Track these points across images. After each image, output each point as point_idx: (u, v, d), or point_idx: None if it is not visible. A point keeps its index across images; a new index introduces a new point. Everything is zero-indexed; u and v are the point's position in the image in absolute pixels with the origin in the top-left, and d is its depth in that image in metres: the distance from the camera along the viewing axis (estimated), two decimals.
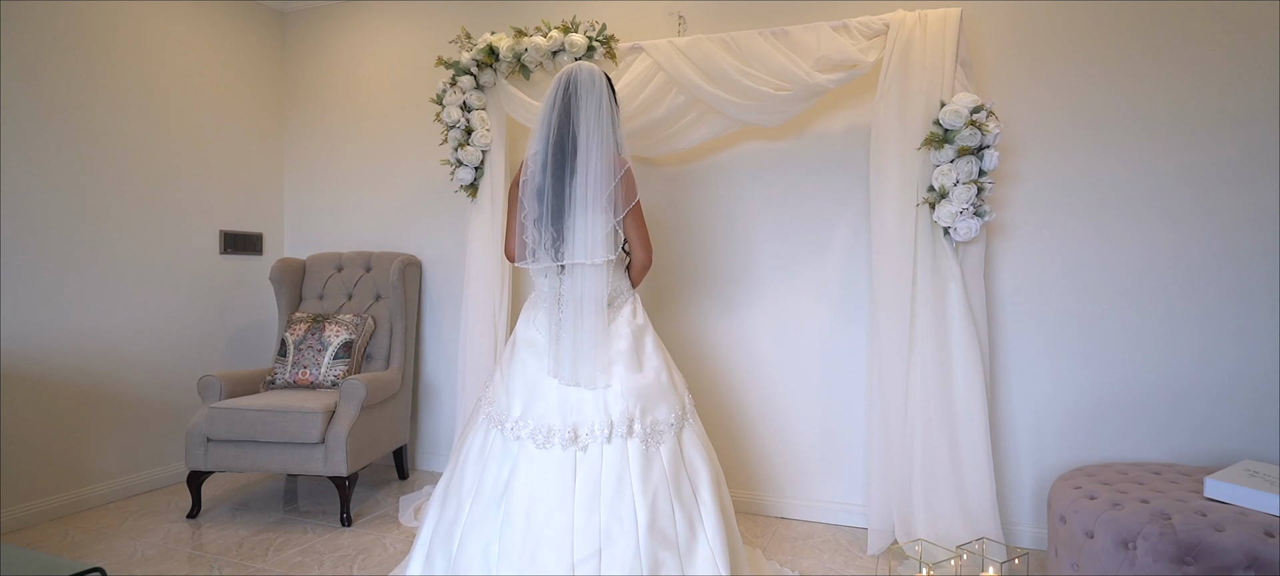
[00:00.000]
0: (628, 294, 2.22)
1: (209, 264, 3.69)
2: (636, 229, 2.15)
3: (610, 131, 2.08)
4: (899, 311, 2.59)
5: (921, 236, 2.56)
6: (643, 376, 2.09)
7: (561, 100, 2.09)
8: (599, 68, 2.17)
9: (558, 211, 2.06)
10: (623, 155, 2.11)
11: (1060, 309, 2.67)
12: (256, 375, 3.38)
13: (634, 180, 2.12)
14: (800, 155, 3.03)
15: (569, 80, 2.11)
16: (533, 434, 2.03)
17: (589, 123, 2.05)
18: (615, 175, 2.05)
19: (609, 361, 2.07)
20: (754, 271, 3.11)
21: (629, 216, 2.12)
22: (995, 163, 2.44)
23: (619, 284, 2.20)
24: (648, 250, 2.19)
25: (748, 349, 3.12)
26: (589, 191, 2.02)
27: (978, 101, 2.44)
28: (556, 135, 2.07)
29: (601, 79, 2.12)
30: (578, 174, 2.03)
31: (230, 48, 3.80)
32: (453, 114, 3.11)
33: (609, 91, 2.13)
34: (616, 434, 2.00)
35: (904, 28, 2.60)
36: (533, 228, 2.11)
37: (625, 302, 2.20)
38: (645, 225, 2.17)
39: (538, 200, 2.09)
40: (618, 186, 2.06)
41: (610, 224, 2.05)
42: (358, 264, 3.71)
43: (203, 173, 3.66)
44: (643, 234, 2.17)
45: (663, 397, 2.09)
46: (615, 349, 2.10)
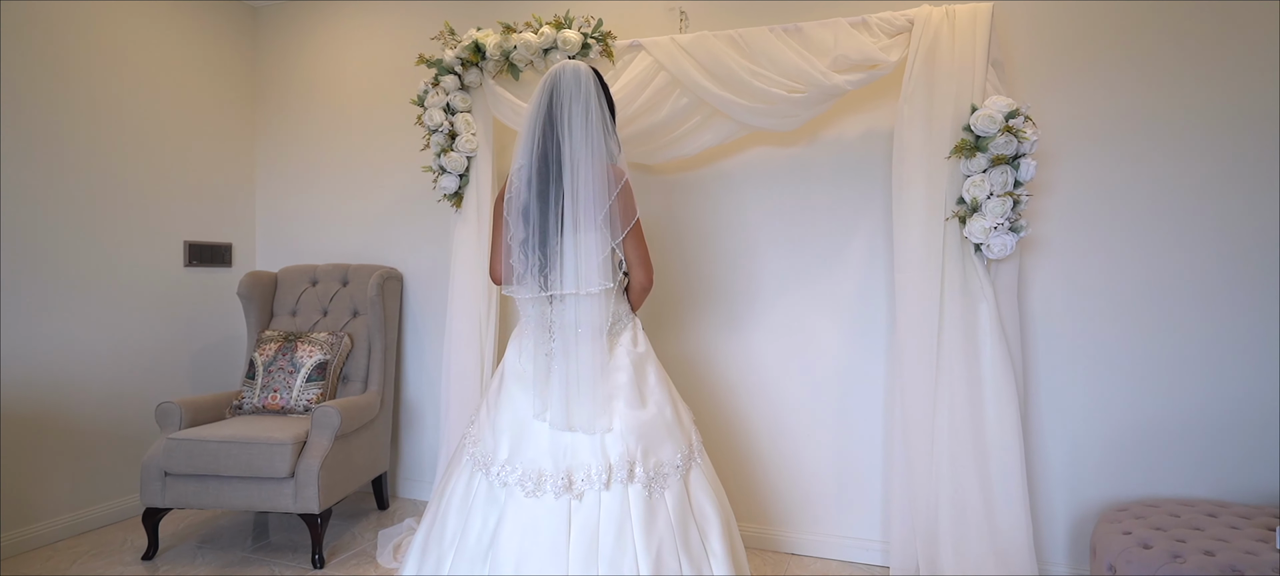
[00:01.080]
0: (627, 319, 2.00)
1: (172, 277, 3.41)
2: (636, 248, 1.93)
3: (602, 138, 1.84)
4: (924, 334, 2.37)
5: (950, 253, 2.33)
6: (645, 413, 1.86)
7: (546, 106, 1.87)
8: (586, 65, 1.94)
9: (545, 233, 1.83)
10: (618, 165, 1.88)
11: (1096, 329, 2.46)
12: (222, 399, 3.11)
13: (632, 193, 1.90)
14: (813, 162, 2.80)
15: (553, 83, 1.89)
16: (522, 480, 1.80)
17: (576, 130, 1.82)
18: (612, 190, 1.82)
19: (608, 399, 1.84)
20: (762, 287, 2.88)
21: (630, 234, 1.89)
22: (1032, 173, 2.23)
23: (619, 309, 1.98)
24: (648, 270, 1.96)
25: (755, 371, 2.89)
26: (580, 210, 1.79)
27: (1013, 105, 2.22)
28: (541, 146, 1.85)
29: (588, 78, 1.89)
30: (566, 190, 1.80)
31: (196, 45, 3.53)
32: (435, 117, 2.86)
33: (599, 91, 1.90)
34: (616, 479, 1.77)
35: (930, 24, 2.37)
36: (519, 251, 1.87)
37: (625, 329, 1.98)
38: (645, 243, 1.95)
39: (523, 221, 1.86)
40: (615, 202, 1.83)
41: (607, 246, 1.82)
42: (334, 277, 3.45)
43: (165, 179, 3.39)
44: (643, 253, 1.94)
45: (667, 436, 1.86)
46: (614, 383, 1.87)
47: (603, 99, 1.91)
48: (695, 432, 1.97)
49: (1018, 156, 2.23)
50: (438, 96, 2.87)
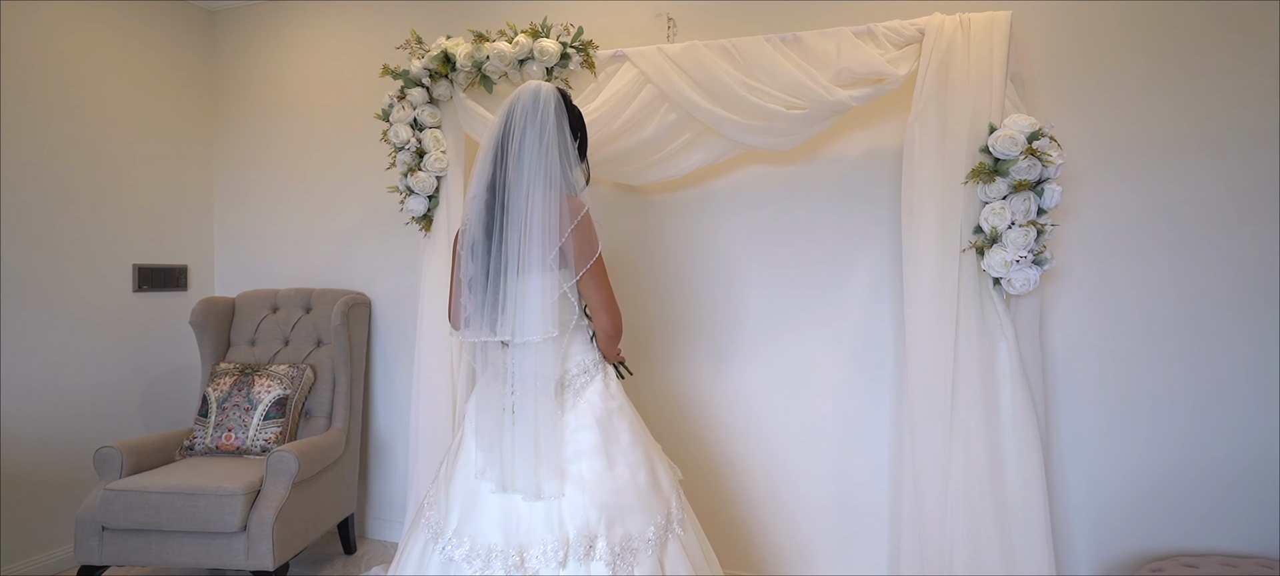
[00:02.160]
0: (596, 369, 1.78)
1: (120, 303, 3.15)
2: (597, 290, 1.71)
3: (559, 166, 1.65)
4: (937, 375, 2.15)
5: (966, 287, 2.12)
6: (613, 478, 1.65)
7: (500, 129, 1.69)
8: (551, 85, 1.74)
9: (496, 272, 1.64)
10: (578, 196, 1.68)
11: (1123, 368, 2.25)
12: (172, 439, 2.86)
13: (593, 228, 1.67)
14: (811, 182, 2.58)
15: (510, 104, 1.71)
16: (469, 556, 1.61)
17: (526, 157, 1.63)
18: (565, 225, 1.62)
19: (560, 459, 1.64)
20: (754, 318, 2.65)
21: (588, 275, 1.68)
22: (1057, 200, 2.01)
23: (584, 357, 1.76)
24: (613, 315, 1.74)
25: (747, 409, 2.66)
26: (530, 247, 1.60)
27: (1036, 125, 2.00)
28: (491, 175, 1.68)
29: (549, 100, 1.69)
30: (511, 224, 1.61)
31: (147, 50, 3.27)
32: (401, 133, 2.62)
33: (560, 114, 1.70)
34: (573, 556, 1.57)
35: (943, 35, 2.16)
36: (468, 291, 1.69)
37: (593, 380, 1.75)
38: (608, 283, 1.73)
39: (472, 257, 1.68)
40: (570, 238, 1.63)
41: (555, 289, 1.63)
42: (296, 303, 3.20)
43: (112, 196, 3.12)
44: (605, 295, 1.72)
45: (639, 504, 1.64)
46: (577, 443, 1.67)
47: (563, 123, 1.70)
48: (677, 498, 1.75)
49: (1041, 182, 2.02)
50: (404, 111, 2.63)
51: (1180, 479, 2.20)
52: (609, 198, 2.81)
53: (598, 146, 2.46)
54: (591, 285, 1.69)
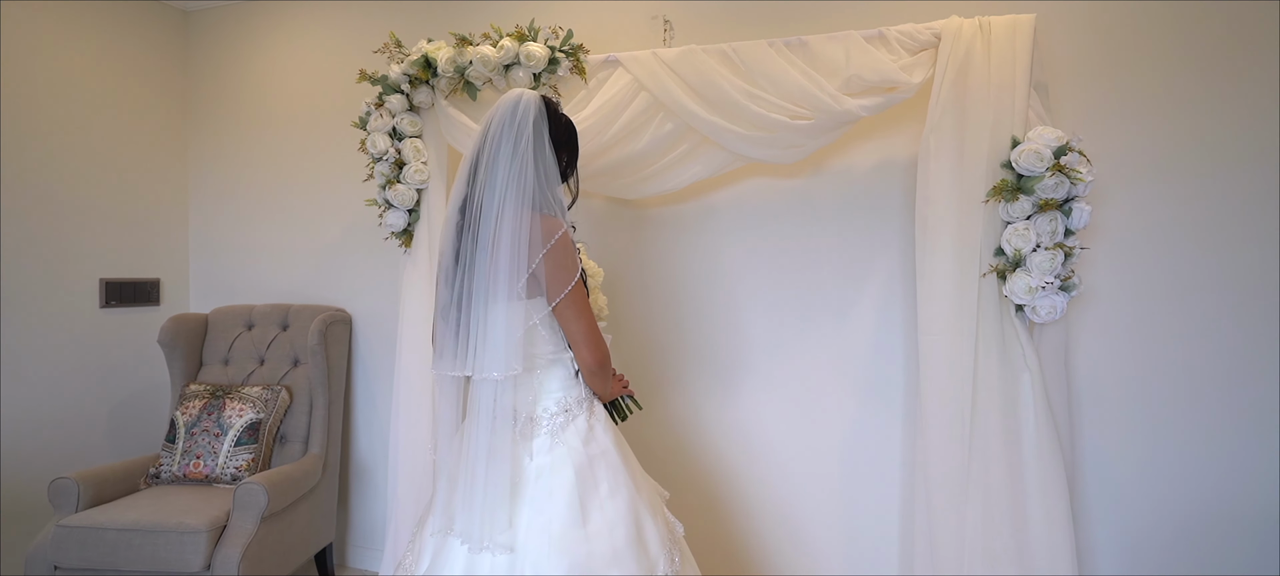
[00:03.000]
0: (579, 407, 1.60)
1: (85, 321, 2.98)
2: (577, 320, 1.53)
3: (534, 183, 1.49)
4: (954, 408, 1.99)
5: (986, 313, 1.95)
6: (585, 533, 1.47)
7: (478, 143, 1.54)
8: (535, 94, 1.58)
9: (464, 300, 1.49)
10: (555, 216, 1.51)
11: (1155, 399, 2.09)
12: (138, 466, 2.69)
13: (571, 251, 1.51)
14: (817, 197, 2.41)
15: (489, 116, 1.56)
16: None
17: (499, 172, 1.47)
18: (535, 249, 1.46)
19: (515, 507, 1.48)
20: (756, 341, 2.49)
21: (564, 304, 1.51)
22: (1086, 220, 1.85)
23: (565, 393, 1.59)
24: (594, 348, 1.55)
25: (749, 438, 2.49)
26: (496, 273, 1.45)
27: (1062, 138, 1.84)
28: (465, 191, 1.54)
29: (529, 109, 1.53)
30: (481, 248, 1.47)
31: (117, 53, 3.10)
32: (379, 143, 2.45)
33: (540, 126, 1.54)
34: None
35: (961, 40, 1.99)
36: (441, 319, 1.56)
37: (575, 420, 1.57)
38: (589, 312, 1.56)
39: (446, 283, 1.54)
40: (542, 263, 1.46)
41: (521, 320, 1.47)
42: (272, 320, 3.03)
43: (78, 206, 2.95)
44: (585, 326, 1.54)
45: (612, 563, 1.47)
46: (548, 487, 1.49)
47: (543, 135, 1.54)
48: (672, 558, 1.57)
49: (1069, 200, 1.86)
50: (382, 119, 2.46)
51: (1219, 518, 2.03)
52: (602, 212, 2.65)
53: (588, 158, 2.29)
54: (569, 314, 1.52)
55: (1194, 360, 2.06)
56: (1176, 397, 2.06)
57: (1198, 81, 2.04)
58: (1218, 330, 2.03)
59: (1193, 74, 2.05)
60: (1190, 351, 2.05)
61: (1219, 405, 2.03)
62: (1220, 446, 2.03)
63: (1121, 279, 2.11)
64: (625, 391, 1.80)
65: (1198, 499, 2.05)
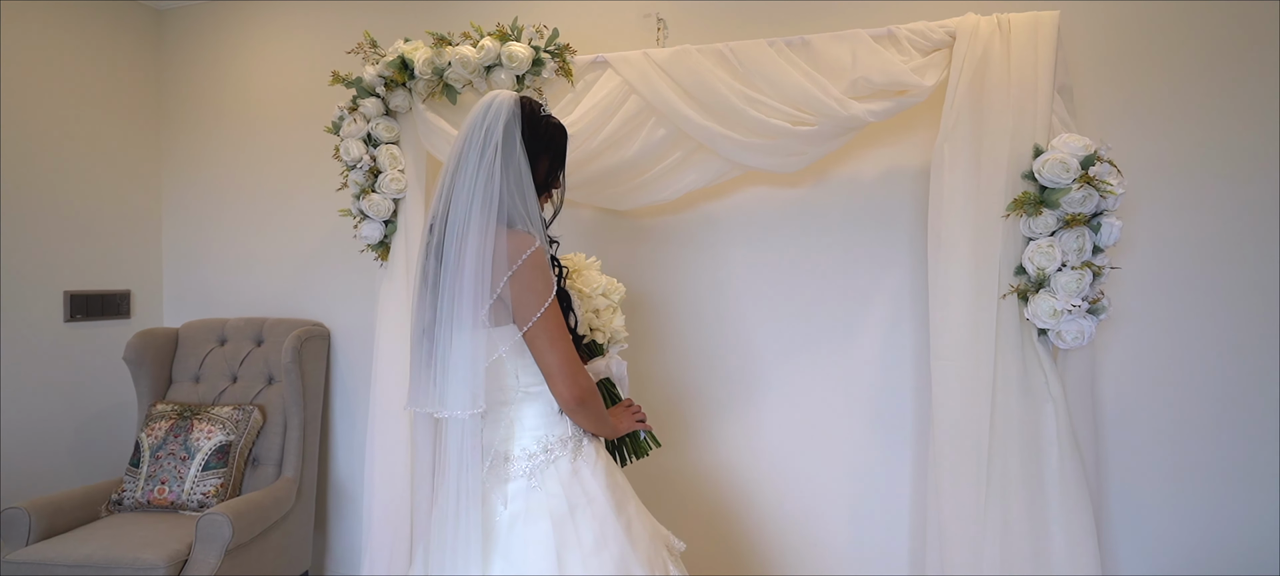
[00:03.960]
0: (563, 447, 1.42)
1: (49, 336, 2.83)
2: (550, 349, 1.35)
3: (501, 195, 1.33)
4: (970, 442, 1.82)
5: (1005, 337, 1.79)
6: None
7: (452, 153, 1.40)
8: (512, 94, 1.43)
9: (432, 328, 1.36)
10: (528, 232, 1.35)
11: (1188, 428, 1.93)
12: (98, 492, 2.54)
13: (542, 271, 1.34)
14: (820, 207, 2.25)
15: (465, 121, 1.42)
16: None
17: (462, 182, 1.33)
18: (500, 270, 1.30)
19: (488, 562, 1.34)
20: (756, 359, 2.33)
21: (535, 330, 1.34)
22: (1116, 236, 1.69)
23: (546, 430, 1.42)
24: (571, 380, 1.37)
25: (747, 462, 2.33)
26: (459, 298, 1.30)
27: (1090, 146, 1.67)
28: (435, 209, 1.41)
29: (501, 111, 1.38)
30: (446, 269, 1.32)
31: (87, 54, 2.95)
32: (353, 149, 2.30)
33: (512, 130, 1.38)
34: None
35: (977, 39, 1.83)
36: (413, 350, 1.42)
37: (556, 461, 1.40)
38: (565, 340, 1.37)
39: (418, 308, 1.41)
40: (507, 286, 1.31)
41: (484, 350, 1.32)
42: (246, 335, 2.88)
43: (43, 214, 2.80)
44: (560, 356, 1.35)
45: None
46: (525, 537, 1.34)
47: (514, 140, 1.37)
48: None
49: (1098, 215, 1.69)
50: (356, 125, 2.31)
51: (1258, 561, 1.87)
52: (591, 222, 2.49)
53: (575, 166, 2.13)
54: (541, 342, 1.35)
55: (1230, 385, 1.89)
56: (1213, 426, 1.90)
57: (1230, 83, 1.88)
58: (1256, 352, 1.87)
59: (1225, 75, 1.89)
60: (1226, 375, 1.89)
61: (1260, 435, 1.86)
62: (1262, 481, 1.86)
63: (1150, 296, 1.95)
64: (639, 424, 1.63)
65: (1237, 540, 1.88)
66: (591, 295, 1.68)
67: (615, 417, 1.55)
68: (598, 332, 1.69)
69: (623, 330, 1.73)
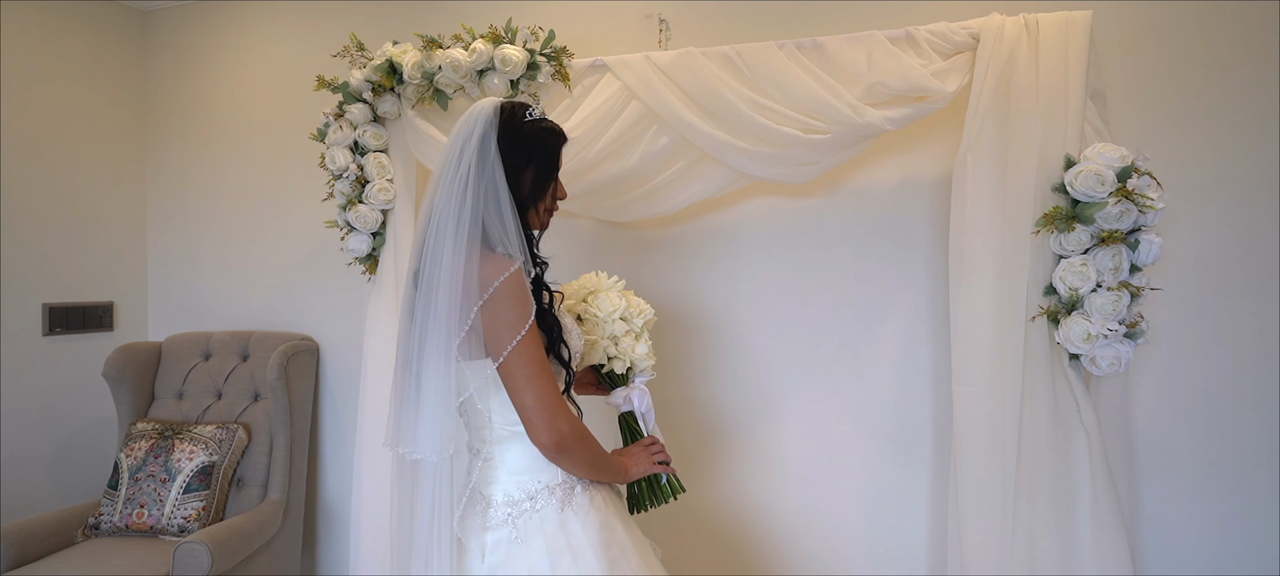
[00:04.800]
0: (550, 494, 1.27)
1: (27, 350, 2.72)
2: (525, 386, 1.21)
3: (471, 213, 1.21)
4: (995, 475, 1.70)
5: (1034, 363, 1.66)
6: None
7: (436, 164, 1.34)
8: (493, 100, 1.31)
9: (408, 363, 1.26)
10: (509, 254, 1.22)
11: (1228, 459, 1.79)
12: (75, 516, 2.43)
13: (516, 297, 1.20)
14: (832, 219, 2.13)
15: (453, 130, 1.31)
16: None
17: (438, 199, 1.24)
18: (471, 299, 1.18)
19: None
20: (764, 381, 2.20)
21: (508, 364, 1.20)
22: (1156, 253, 1.56)
23: (528, 477, 1.28)
24: (549, 424, 1.21)
25: (754, 487, 2.21)
26: (430, 329, 1.19)
27: (1127, 157, 1.55)
28: (423, 228, 1.30)
29: (478, 119, 1.26)
30: (421, 295, 1.23)
31: (69, 56, 2.84)
32: (339, 158, 2.18)
33: (487, 139, 1.25)
34: None
35: (1003, 40, 1.70)
36: (394, 382, 1.31)
37: (541, 511, 1.26)
38: (543, 376, 1.22)
39: (401, 339, 1.31)
40: (479, 315, 1.18)
41: (450, 389, 1.20)
42: (231, 350, 2.76)
43: (20, 225, 2.69)
44: (536, 394, 1.20)
45: None
46: None
47: (489, 152, 1.24)
48: None
49: (1136, 231, 1.56)
50: (343, 132, 2.19)
51: None
52: (591, 234, 2.37)
53: (572, 176, 2.01)
54: (515, 378, 1.20)
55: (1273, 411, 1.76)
56: (1258, 459, 1.77)
57: (1276, 89, 1.75)
58: None
59: (1270, 80, 1.75)
60: (1273, 404, 1.76)
61: None
62: None
63: (1188, 316, 1.82)
64: (659, 466, 1.44)
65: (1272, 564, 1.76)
66: (605, 320, 1.50)
67: (628, 459, 1.40)
68: (616, 361, 1.52)
69: (647, 358, 1.54)
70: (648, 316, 1.57)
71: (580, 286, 1.58)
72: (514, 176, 1.26)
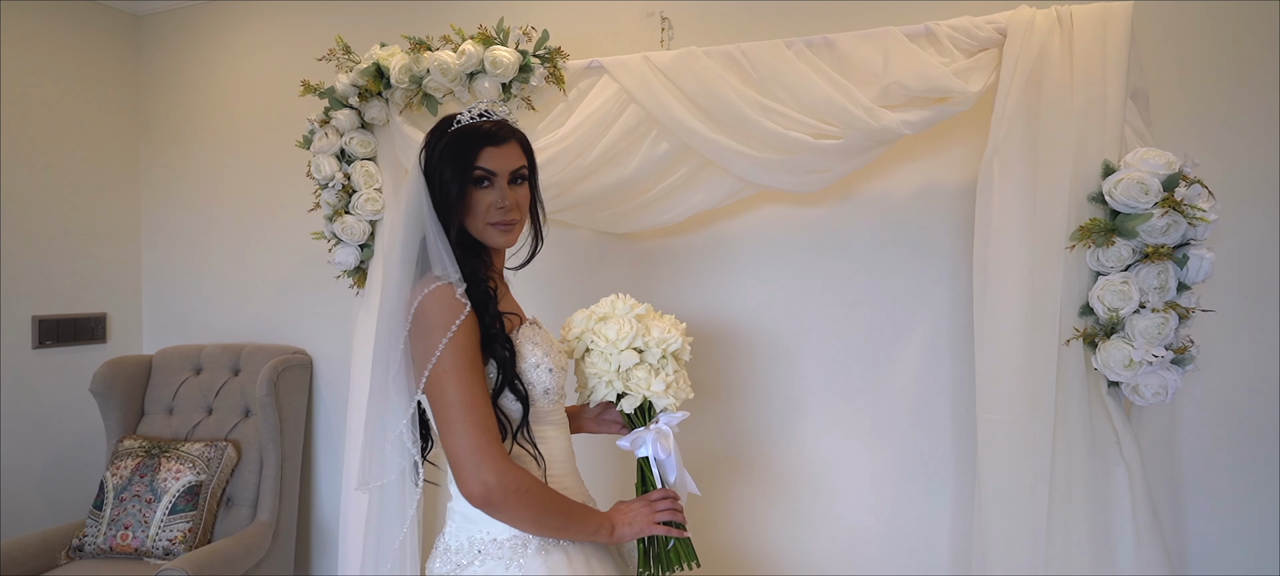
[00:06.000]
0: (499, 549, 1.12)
1: (16, 363, 2.65)
2: (448, 425, 1.08)
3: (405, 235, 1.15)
4: (1025, 512, 1.55)
5: (1068, 390, 1.51)
6: None
7: None
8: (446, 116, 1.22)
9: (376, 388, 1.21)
10: (440, 273, 1.11)
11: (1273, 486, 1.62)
12: (61, 535, 2.37)
13: (430, 320, 1.08)
14: (846, 229, 1.98)
15: None
16: None
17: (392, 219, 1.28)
18: (398, 328, 1.10)
19: None
20: (771, 401, 2.06)
21: (428, 392, 1.09)
22: (1208, 270, 1.40)
23: (475, 526, 1.14)
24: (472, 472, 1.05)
25: (763, 513, 2.07)
26: (379, 361, 1.16)
27: (1175, 164, 1.39)
28: None
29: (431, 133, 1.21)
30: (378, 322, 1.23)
31: (60, 61, 2.77)
32: (325, 167, 2.08)
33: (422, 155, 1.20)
34: None
35: (1033, 35, 1.55)
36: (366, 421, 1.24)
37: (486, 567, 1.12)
38: (469, 414, 1.06)
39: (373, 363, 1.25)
40: (407, 344, 1.10)
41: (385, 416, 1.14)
42: (222, 363, 2.68)
43: (6, 233, 2.62)
44: (461, 432, 1.06)
45: None
46: None
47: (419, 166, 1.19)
48: None
49: (1184, 245, 1.41)
50: (329, 139, 2.09)
51: None
52: (589, 245, 2.24)
53: (568, 185, 1.90)
54: (437, 413, 1.09)
55: None
56: None
57: None
58: None
59: None
60: None
61: None
62: None
63: (1240, 336, 1.65)
64: (662, 528, 1.22)
65: None
66: (608, 352, 1.28)
67: (620, 515, 1.20)
68: (626, 399, 1.30)
69: (664, 395, 1.30)
70: (669, 345, 1.32)
71: (590, 314, 1.35)
72: (441, 190, 1.15)
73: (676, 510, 1.25)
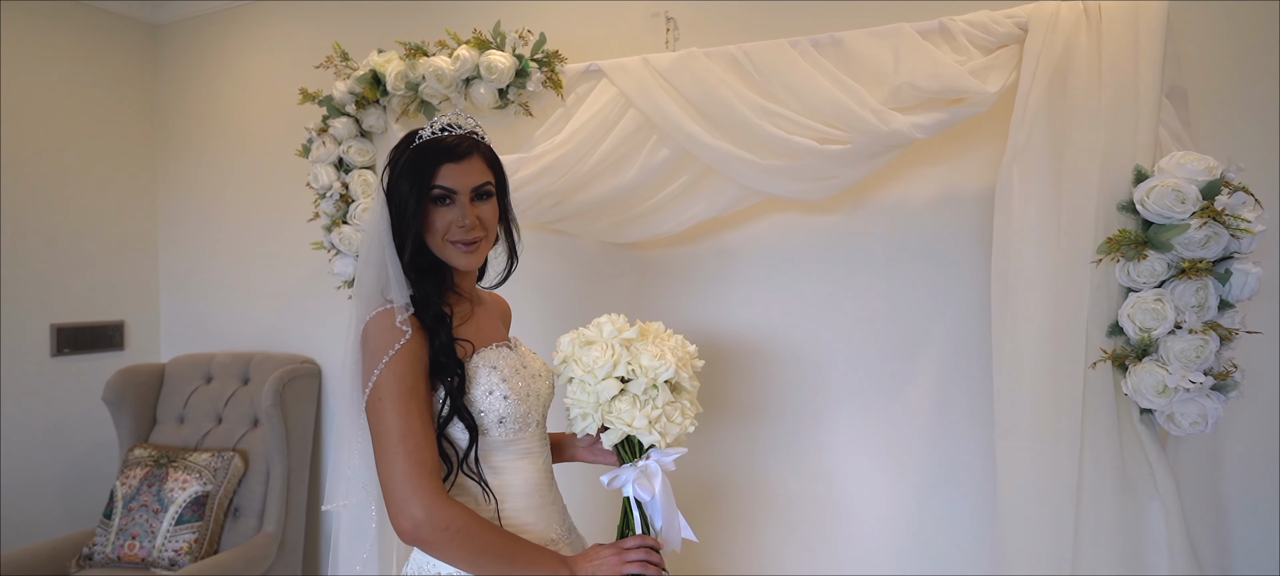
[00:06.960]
0: None
1: (33, 371, 2.68)
2: (380, 453, 1.02)
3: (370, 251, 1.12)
4: (1049, 544, 1.43)
5: (1096, 417, 1.38)
6: None
7: None
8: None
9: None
10: (390, 293, 1.08)
11: None
12: (70, 545, 2.38)
13: (375, 336, 1.04)
14: (857, 239, 1.88)
15: None
16: None
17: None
18: (352, 354, 1.09)
19: None
20: (777, 420, 1.96)
21: (366, 415, 1.04)
22: (1254, 287, 1.27)
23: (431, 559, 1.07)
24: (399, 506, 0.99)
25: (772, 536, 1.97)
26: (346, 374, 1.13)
27: (1215, 170, 1.26)
28: None
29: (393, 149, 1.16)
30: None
31: (77, 71, 2.81)
32: (322, 176, 2.05)
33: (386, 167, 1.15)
34: None
35: (1057, 31, 1.43)
36: None
37: None
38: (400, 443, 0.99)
39: None
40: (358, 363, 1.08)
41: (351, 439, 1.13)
42: (232, 372, 2.67)
43: (27, 243, 2.66)
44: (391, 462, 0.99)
45: None
46: None
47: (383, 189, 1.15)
48: None
49: (1226, 259, 1.27)
50: (326, 148, 2.06)
51: None
52: (588, 255, 2.17)
53: (565, 193, 1.83)
54: (372, 435, 1.04)
55: None
56: None
57: None
58: None
59: None
60: None
61: None
62: None
63: None
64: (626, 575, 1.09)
65: None
66: (587, 381, 1.14)
67: (587, 561, 1.08)
68: (606, 434, 1.17)
69: (649, 431, 1.14)
70: (659, 375, 1.14)
71: (577, 336, 1.19)
72: (398, 209, 1.10)
73: (652, 560, 1.11)
